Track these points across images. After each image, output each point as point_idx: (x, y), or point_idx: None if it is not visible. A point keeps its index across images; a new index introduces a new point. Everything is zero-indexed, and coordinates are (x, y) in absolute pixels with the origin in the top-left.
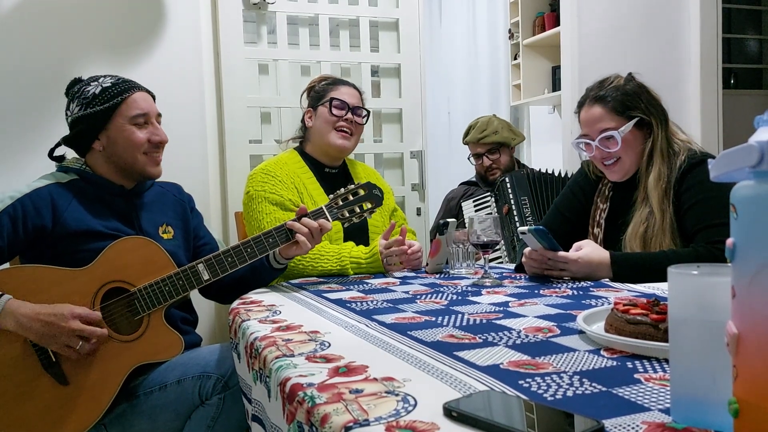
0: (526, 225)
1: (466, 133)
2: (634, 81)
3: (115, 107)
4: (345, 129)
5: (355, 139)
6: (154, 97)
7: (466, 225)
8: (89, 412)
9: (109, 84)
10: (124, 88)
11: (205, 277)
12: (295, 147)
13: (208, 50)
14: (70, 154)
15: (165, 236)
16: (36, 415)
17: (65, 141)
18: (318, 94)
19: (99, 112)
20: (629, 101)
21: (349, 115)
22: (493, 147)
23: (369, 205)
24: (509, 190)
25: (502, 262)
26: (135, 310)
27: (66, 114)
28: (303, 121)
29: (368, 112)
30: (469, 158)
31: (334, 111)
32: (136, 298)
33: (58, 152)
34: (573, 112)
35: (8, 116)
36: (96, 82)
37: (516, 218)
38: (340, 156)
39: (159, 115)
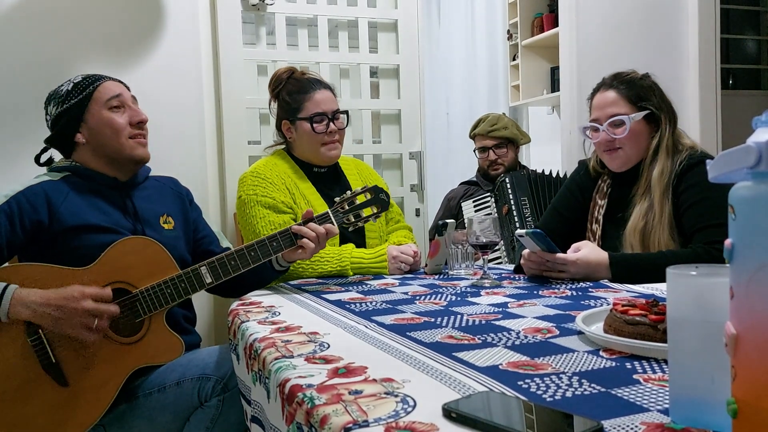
0: (526, 225)
1: (475, 126)
2: (650, 79)
3: (89, 96)
4: (331, 140)
5: (341, 142)
6: (127, 88)
7: (466, 226)
8: (89, 413)
9: (80, 79)
10: (94, 79)
11: (208, 280)
12: (282, 148)
13: (207, 51)
14: (57, 157)
15: (166, 226)
16: (35, 415)
17: (49, 142)
18: (290, 105)
19: (74, 104)
20: (643, 93)
21: (332, 126)
22: (502, 142)
23: (375, 210)
24: (509, 191)
25: (501, 263)
26: (136, 311)
27: (46, 120)
28: (279, 128)
29: (346, 112)
30: (474, 151)
31: (317, 128)
32: (138, 300)
33: (44, 157)
34: (585, 100)
35: (6, 117)
36: (68, 81)
37: (516, 218)
38: (330, 162)
39: (134, 99)
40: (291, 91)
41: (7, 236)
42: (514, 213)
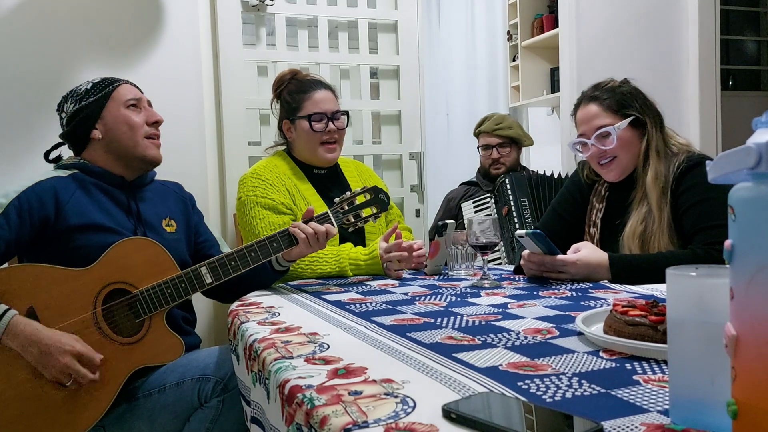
0: (526, 226)
1: (480, 123)
2: (629, 84)
3: (108, 95)
4: (330, 140)
5: (341, 144)
6: (141, 92)
7: (466, 226)
8: (88, 413)
9: (99, 80)
10: (113, 80)
11: (208, 280)
12: (283, 149)
13: (207, 52)
14: (66, 155)
15: (168, 229)
16: (35, 414)
17: (63, 137)
18: (291, 105)
19: (93, 101)
20: (624, 100)
21: (331, 125)
22: (506, 141)
23: (374, 210)
24: (509, 192)
25: (501, 263)
26: (137, 311)
27: (61, 117)
28: (281, 129)
29: (346, 113)
30: (477, 149)
31: (315, 126)
32: (138, 300)
33: (54, 154)
34: (569, 115)
35: (7, 118)
36: (87, 81)
37: (515, 219)
38: (329, 164)
39: (150, 103)
40: (292, 91)
41: (16, 230)
42: (514, 214)
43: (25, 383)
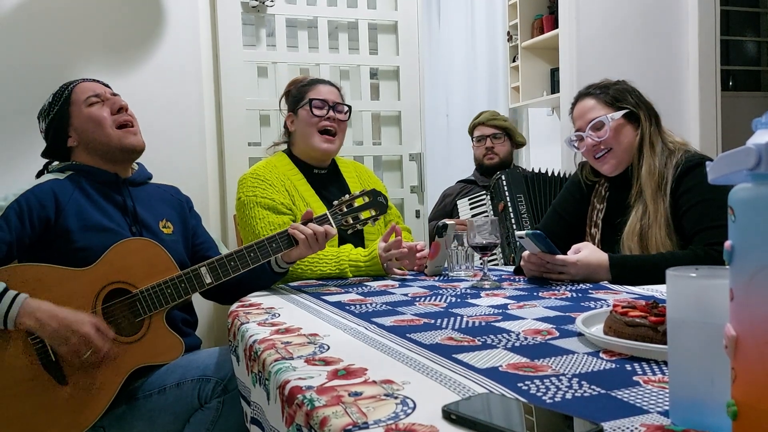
0: (522, 222)
1: (477, 117)
2: (625, 83)
3: (67, 100)
4: (329, 128)
5: (340, 138)
6: (106, 86)
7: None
8: (87, 412)
9: (57, 89)
10: (69, 83)
11: (208, 280)
12: (283, 150)
13: (207, 53)
14: None
15: (165, 230)
16: (33, 413)
17: (45, 154)
18: (296, 97)
19: (56, 112)
20: (619, 95)
21: (331, 113)
22: (500, 132)
23: (373, 213)
24: (505, 188)
25: (496, 259)
26: (136, 311)
27: (42, 137)
28: (285, 125)
29: (349, 107)
30: (472, 141)
31: (315, 111)
32: (138, 299)
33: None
34: (568, 116)
35: (8, 118)
36: (50, 95)
37: (511, 216)
38: (325, 159)
39: (114, 94)
40: (299, 86)
41: (17, 232)
42: (510, 210)
43: (24, 382)
